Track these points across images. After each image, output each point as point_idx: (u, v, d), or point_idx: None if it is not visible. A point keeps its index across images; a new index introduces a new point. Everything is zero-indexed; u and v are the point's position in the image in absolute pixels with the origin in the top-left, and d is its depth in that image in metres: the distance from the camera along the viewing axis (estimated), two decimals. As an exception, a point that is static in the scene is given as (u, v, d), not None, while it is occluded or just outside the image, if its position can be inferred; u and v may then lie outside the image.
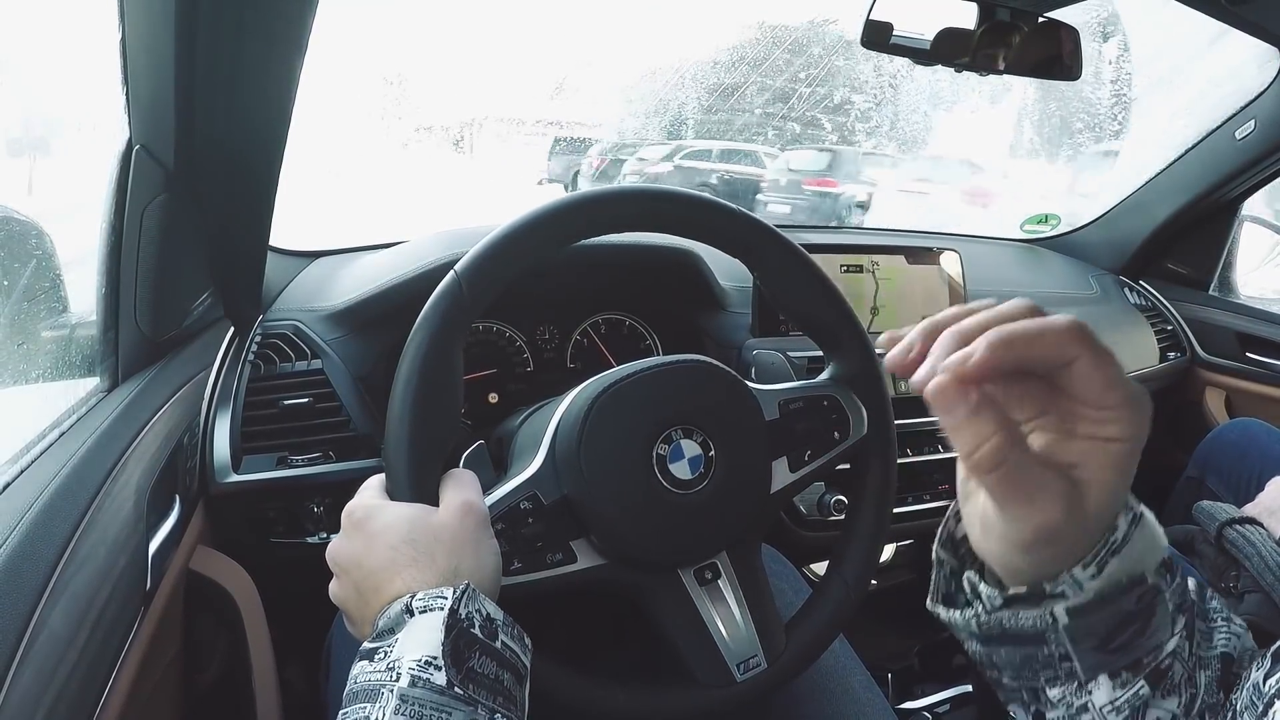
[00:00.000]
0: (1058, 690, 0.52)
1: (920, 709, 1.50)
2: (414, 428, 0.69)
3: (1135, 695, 0.50)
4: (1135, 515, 0.50)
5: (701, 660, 0.78)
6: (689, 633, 0.78)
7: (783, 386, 0.87)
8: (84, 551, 0.68)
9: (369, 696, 0.53)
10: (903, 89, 4.15)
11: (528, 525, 0.73)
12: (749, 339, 1.40)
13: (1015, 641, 0.52)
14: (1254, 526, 1.13)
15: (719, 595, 0.80)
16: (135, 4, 0.77)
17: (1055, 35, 1.36)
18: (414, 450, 0.68)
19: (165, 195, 0.90)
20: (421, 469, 0.68)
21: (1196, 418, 2.00)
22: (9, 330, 0.84)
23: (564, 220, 0.78)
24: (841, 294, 0.87)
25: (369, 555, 0.63)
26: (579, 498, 0.74)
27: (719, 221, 0.84)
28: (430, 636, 0.55)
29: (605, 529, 0.74)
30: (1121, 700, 0.50)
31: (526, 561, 0.72)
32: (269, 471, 1.10)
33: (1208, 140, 1.84)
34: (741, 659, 0.78)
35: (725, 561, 0.81)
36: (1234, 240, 2.06)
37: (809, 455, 0.85)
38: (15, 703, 0.55)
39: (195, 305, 1.06)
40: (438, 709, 0.53)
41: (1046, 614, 0.49)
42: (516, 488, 0.74)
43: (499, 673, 0.57)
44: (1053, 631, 0.50)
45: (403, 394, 0.69)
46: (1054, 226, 2.26)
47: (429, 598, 0.57)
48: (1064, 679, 0.51)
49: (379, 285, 1.22)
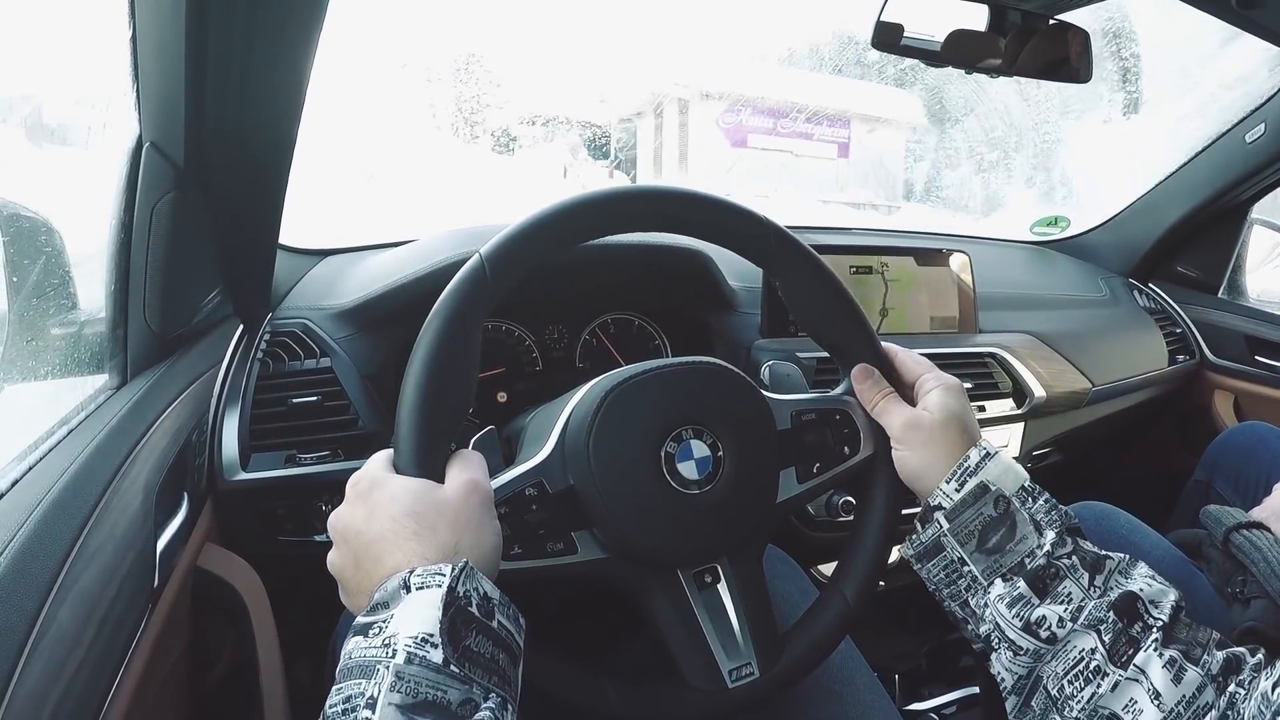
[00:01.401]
0: (976, 599, 0.73)
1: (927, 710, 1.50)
2: (426, 403, 0.68)
3: (1017, 592, 0.70)
4: (987, 452, 0.76)
5: (694, 663, 0.77)
6: (683, 635, 0.77)
7: (796, 397, 0.87)
8: (92, 548, 0.69)
9: (364, 673, 0.53)
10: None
11: (531, 512, 0.73)
12: (758, 339, 1.40)
13: (930, 554, 0.76)
14: (1261, 531, 1.12)
15: (716, 600, 0.79)
16: (146, 1, 0.77)
17: (1064, 37, 1.36)
18: (424, 425, 0.68)
19: (175, 193, 0.90)
20: (430, 445, 0.68)
21: (1205, 421, 2.00)
22: (18, 327, 0.84)
23: (592, 213, 0.78)
24: (862, 312, 0.86)
25: (370, 525, 0.63)
26: (584, 489, 0.74)
27: (747, 230, 0.83)
28: (428, 613, 0.55)
29: (608, 522, 0.74)
30: (1010, 596, 0.70)
31: (527, 548, 0.72)
32: (277, 469, 1.10)
33: (1218, 143, 1.84)
34: (734, 665, 0.77)
35: (725, 567, 0.80)
36: (1243, 243, 2.05)
37: (818, 468, 0.84)
38: (23, 699, 0.55)
39: (204, 303, 1.06)
40: (434, 686, 0.52)
41: (935, 523, 0.75)
42: (523, 474, 0.74)
43: (495, 652, 0.57)
44: (944, 537, 0.74)
45: (418, 369, 0.69)
46: (1063, 229, 2.26)
47: (427, 574, 0.57)
48: (972, 585, 0.73)
49: (388, 284, 1.22)
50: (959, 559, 0.74)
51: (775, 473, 0.82)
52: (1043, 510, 0.73)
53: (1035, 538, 0.72)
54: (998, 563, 0.72)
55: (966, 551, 0.73)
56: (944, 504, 0.75)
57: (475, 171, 5.06)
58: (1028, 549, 0.71)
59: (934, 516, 0.75)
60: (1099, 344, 1.80)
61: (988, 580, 0.72)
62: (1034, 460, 1.70)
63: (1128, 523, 1.27)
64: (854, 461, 0.85)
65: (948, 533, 0.74)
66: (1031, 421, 1.62)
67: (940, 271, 1.60)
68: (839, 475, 0.85)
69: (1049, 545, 0.71)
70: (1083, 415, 1.74)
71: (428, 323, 0.71)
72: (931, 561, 0.76)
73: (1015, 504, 0.73)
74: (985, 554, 0.72)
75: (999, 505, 0.73)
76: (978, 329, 1.64)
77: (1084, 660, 0.67)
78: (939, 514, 0.75)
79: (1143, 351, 1.91)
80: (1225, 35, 1.82)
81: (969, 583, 0.73)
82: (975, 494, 0.74)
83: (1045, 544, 0.71)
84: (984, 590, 0.72)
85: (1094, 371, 1.72)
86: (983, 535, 0.73)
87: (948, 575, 0.75)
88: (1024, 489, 0.74)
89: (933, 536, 0.75)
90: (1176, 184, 1.96)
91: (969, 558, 0.73)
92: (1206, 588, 1.15)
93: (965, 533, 0.73)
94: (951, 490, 0.75)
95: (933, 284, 1.59)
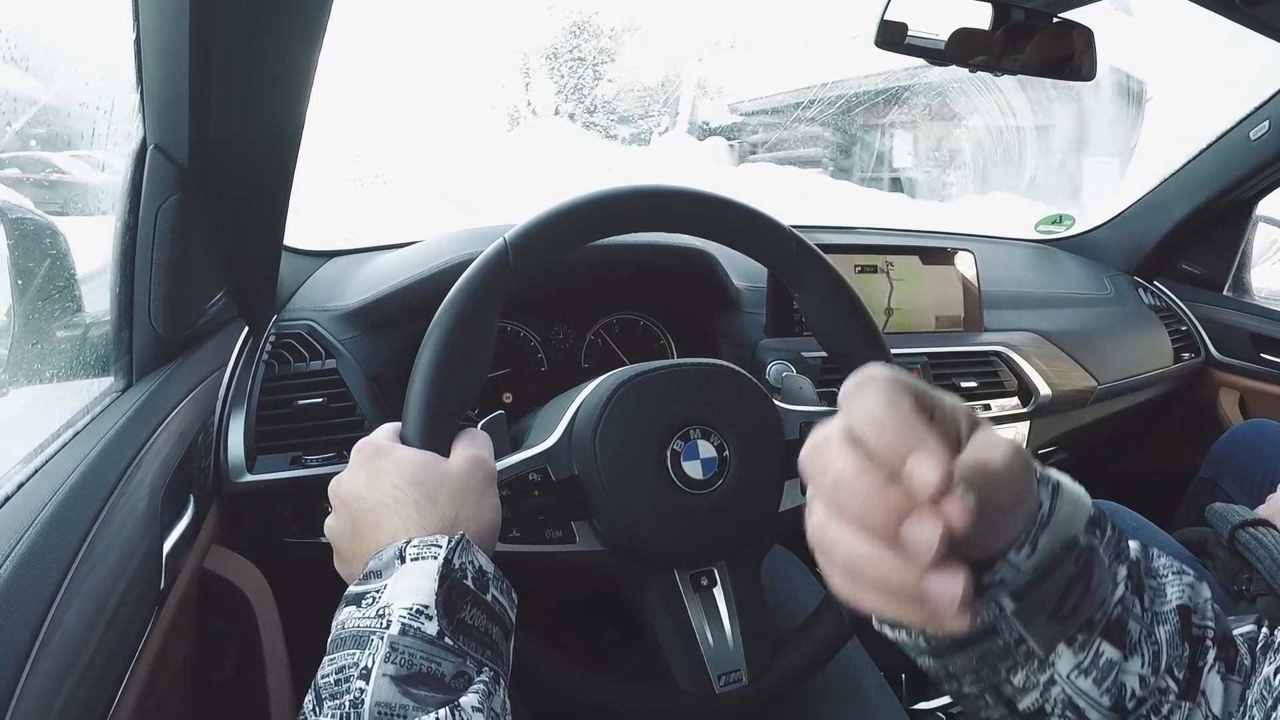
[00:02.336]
0: (1020, 675, 0.49)
1: (934, 709, 1.49)
2: (439, 377, 0.69)
3: (1097, 654, 0.48)
4: (1054, 485, 0.48)
5: (683, 664, 0.77)
6: (675, 635, 0.77)
7: (807, 408, 0.87)
8: (98, 550, 0.69)
9: (357, 643, 0.53)
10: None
11: (533, 497, 0.73)
12: (764, 339, 1.40)
13: (967, 645, 0.49)
14: (1267, 529, 1.12)
15: (711, 604, 0.79)
16: (150, 3, 0.77)
17: (1069, 36, 1.36)
18: (435, 398, 0.69)
19: (180, 195, 0.90)
20: (438, 418, 0.69)
21: (1210, 419, 1.99)
22: (24, 329, 0.84)
23: (618, 206, 0.79)
24: (878, 330, 0.86)
25: (371, 490, 0.64)
26: (588, 479, 0.74)
27: (770, 240, 0.84)
28: (423, 584, 0.55)
29: (608, 514, 0.74)
30: (1086, 662, 0.48)
31: (525, 532, 0.73)
32: (283, 471, 1.10)
33: (1222, 141, 1.83)
34: (724, 671, 0.77)
35: (723, 571, 0.80)
36: (1248, 241, 2.05)
37: None
38: (30, 701, 0.55)
39: (210, 305, 1.06)
40: (428, 658, 0.52)
41: (992, 606, 0.47)
42: (528, 458, 0.75)
43: (488, 626, 0.57)
44: (1002, 620, 0.47)
45: (434, 345, 0.70)
46: (1068, 227, 2.25)
47: (423, 545, 0.57)
48: (1023, 662, 0.49)
49: (393, 285, 1.22)
50: (1016, 639, 0.48)
51: (780, 482, 0.82)
52: (1114, 541, 0.50)
53: (1110, 582, 0.49)
54: (1063, 628, 0.48)
55: (1030, 628, 0.48)
56: (1010, 580, 0.47)
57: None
58: (1101, 597, 0.49)
59: (989, 596, 0.47)
60: (1104, 342, 1.79)
61: (1047, 650, 0.48)
62: (1040, 459, 1.67)
63: (1133, 521, 1.27)
64: None
65: (1011, 614, 0.47)
66: (1037, 420, 1.62)
67: (945, 270, 1.60)
68: None
69: (1124, 585, 0.50)
70: (1088, 414, 1.74)
71: (447, 301, 0.72)
72: (961, 654, 0.50)
73: (1098, 550, 0.49)
74: (1050, 624, 0.48)
75: (1080, 559, 0.48)
76: (983, 328, 1.64)
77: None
78: (1001, 594, 0.47)
79: (1148, 349, 1.90)
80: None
81: (1018, 660, 0.49)
82: (1054, 557, 0.47)
83: (1120, 585, 0.50)
84: (1043, 665, 0.49)
85: (1099, 370, 1.72)
86: (1058, 604, 0.47)
87: (984, 661, 0.50)
88: (1092, 520, 0.49)
89: (979, 624, 0.48)
90: (1181, 182, 1.96)
91: (1028, 632, 0.48)
92: (1213, 585, 1.15)
93: (1034, 609, 0.47)
94: (1021, 559, 0.46)
95: (938, 283, 1.59)
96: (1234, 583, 1.12)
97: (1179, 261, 2.10)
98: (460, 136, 5.72)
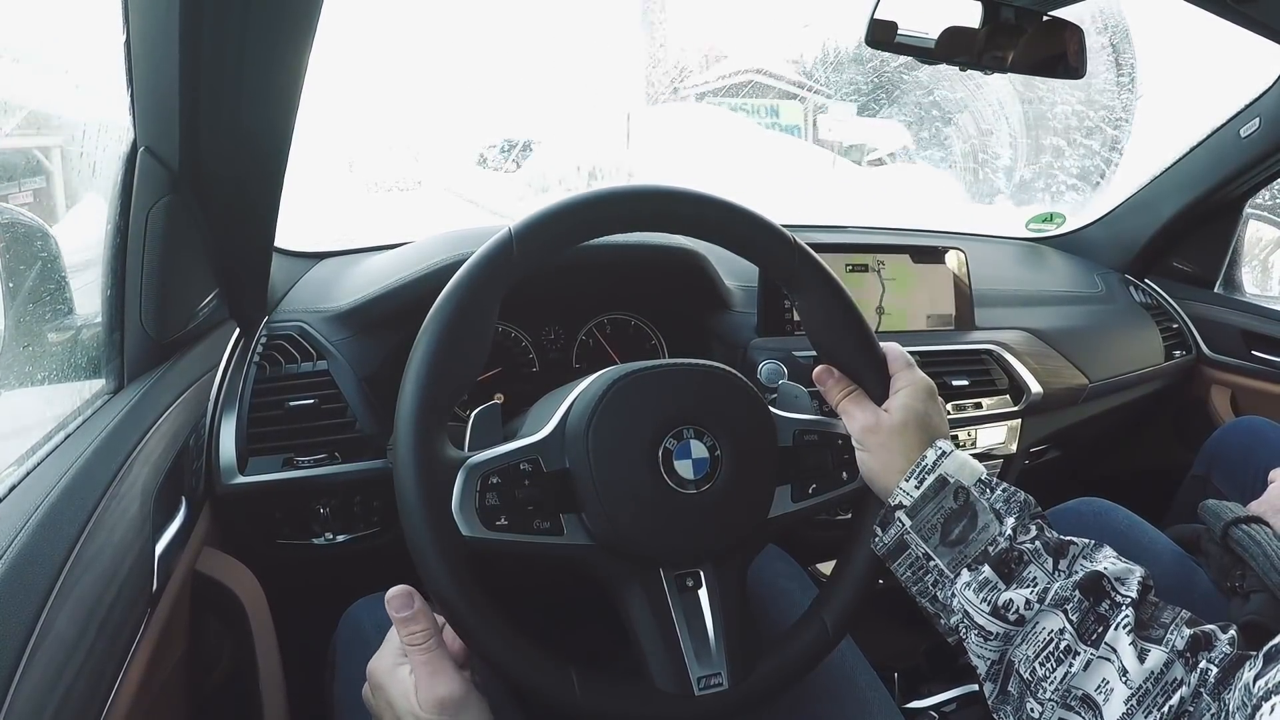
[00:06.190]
0: (943, 592, 0.74)
1: (927, 708, 1.49)
2: (436, 360, 0.70)
3: (985, 579, 0.71)
4: (943, 450, 0.77)
5: (663, 665, 0.76)
6: (656, 635, 0.77)
7: (802, 416, 0.87)
8: (90, 553, 0.68)
9: None
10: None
11: (523, 488, 0.73)
12: (755, 338, 1.41)
13: (896, 553, 0.77)
14: (1260, 525, 1.12)
15: (695, 606, 0.79)
16: (140, 5, 0.77)
17: (1060, 34, 1.36)
18: (429, 387, 0.70)
19: (170, 197, 0.90)
20: (432, 413, 0.70)
21: (1202, 416, 2.00)
22: (15, 332, 0.84)
23: (624, 205, 0.79)
24: (876, 342, 0.86)
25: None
26: (579, 472, 0.74)
27: (774, 247, 0.83)
28: None
29: (598, 508, 0.74)
30: (976, 582, 0.71)
31: (513, 522, 0.72)
32: (275, 473, 1.10)
33: (1212, 138, 1.84)
34: (704, 674, 0.77)
35: (709, 573, 0.79)
36: (1239, 238, 2.06)
37: (813, 490, 0.84)
38: (22, 704, 0.54)
39: (201, 307, 1.06)
40: None
41: (897, 523, 0.76)
42: (520, 448, 0.75)
43: None
44: (907, 534, 0.76)
45: (432, 328, 0.71)
46: (1059, 225, 2.26)
47: None
48: (939, 580, 0.75)
49: (384, 286, 1.22)
50: (924, 554, 0.75)
51: (770, 487, 0.82)
52: (1001, 499, 0.75)
53: (997, 525, 0.73)
54: (962, 554, 0.73)
55: (931, 546, 0.75)
56: (904, 501, 0.76)
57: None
58: (990, 537, 0.73)
59: (895, 516, 0.77)
60: (1096, 340, 1.80)
61: (954, 572, 0.73)
62: (1031, 457, 1.70)
63: (1126, 519, 1.28)
64: (848, 489, 0.86)
65: (910, 530, 0.76)
66: (1029, 418, 1.62)
67: (936, 269, 1.60)
68: (832, 500, 0.85)
69: (1010, 530, 0.72)
70: (1080, 411, 1.74)
71: (448, 286, 0.72)
72: (898, 560, 0.77)
73: (974, 494, 0.75)
74: (949, 547, 0.74)
75: (959, 497, 0.74)
76: (974, 326, 1.64)
77: (1053, 641, 0.68)
78: (900, 512, 0.76)
79: (1139, 347, 1.91)
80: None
81: (936, 577, 0.75)
82: (934, 489, 0.75)
83: (1006, 529, 0.73)
84: (950, 582, 0.74)
85: (1091, 367, 1.72)
86: (945, 528, 0.74)
87: (915, 572, 0.76)
88: (981, 481, 0.76)
89: (896, 536, 0.77)
90: (1171, 179, 1.97)
91: (934, 552, 0.74)
92: (1206, 582, 1.15)
93: (928, 528, 0.75)
94: (911, 488, 0.76)
95: (929, 281, 1.60)
96: (1227, 579, 1.12)
97: (1170, 259, 2.11)
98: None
